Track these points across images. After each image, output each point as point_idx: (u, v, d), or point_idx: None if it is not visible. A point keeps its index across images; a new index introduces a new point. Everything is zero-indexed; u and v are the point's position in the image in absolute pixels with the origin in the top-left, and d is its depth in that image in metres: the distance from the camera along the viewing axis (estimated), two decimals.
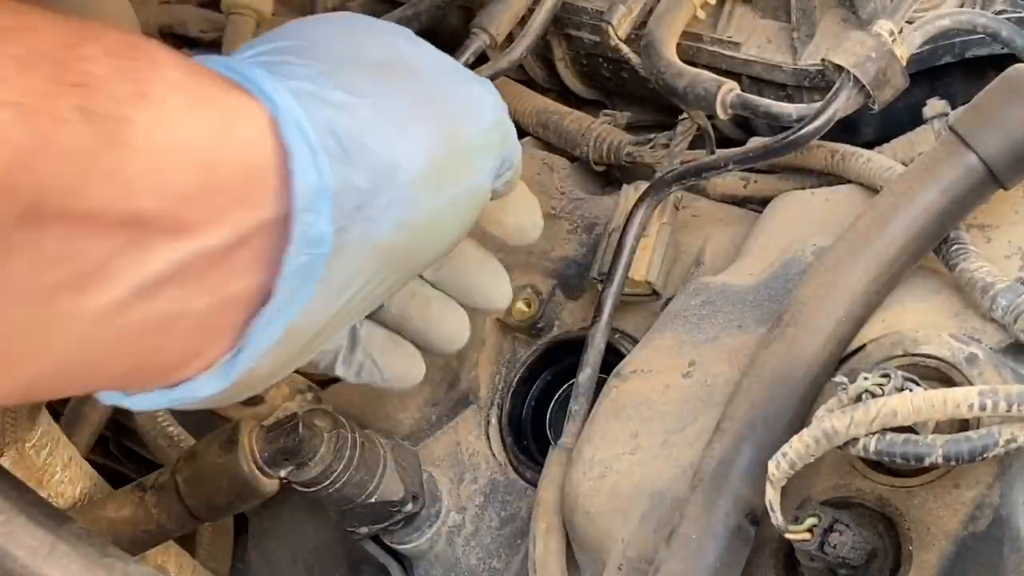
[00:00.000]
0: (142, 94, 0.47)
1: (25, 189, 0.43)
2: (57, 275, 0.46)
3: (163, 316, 0.51)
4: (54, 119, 0.44)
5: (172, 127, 0.48)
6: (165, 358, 0.54)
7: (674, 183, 0.87)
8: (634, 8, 0.89)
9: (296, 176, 0.52)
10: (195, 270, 0.50)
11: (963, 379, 0.65)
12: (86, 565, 0.55)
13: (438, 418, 0.94)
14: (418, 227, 0.58)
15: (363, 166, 0.54)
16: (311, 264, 0.53)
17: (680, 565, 0.65)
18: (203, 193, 0.50)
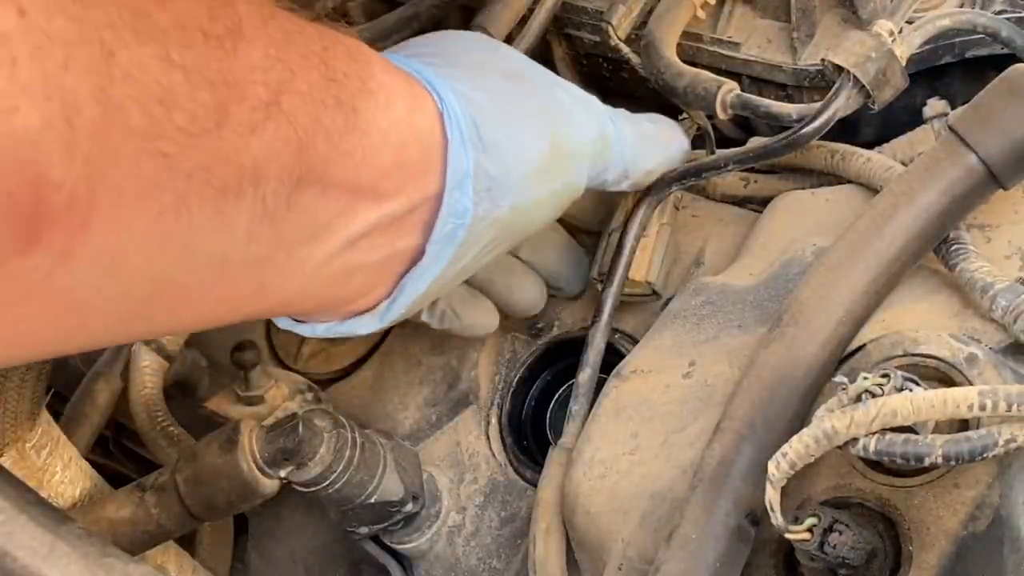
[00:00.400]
0: (365, 89, 0.60)
1: (302, 162, 0.55)
2: (304, 230, 0.58)
3: (355, 264, 0.64)
4: (326, 107, 0.56)
5: (381, 116, 0.61)
6: (345, 295, 0.67)
7: (674, 183, 0.87)
8: (634, 8, 0.89)
9: (451, 161, 0.65)
10: (380, 230, 0.63)
11: (963, 379, 0.65)
12: (86, 565, 0.55)
13: (438, 418, 0.94)
14: (525, 209, 0.70)
15: (495, 157, 0.67)
16: (454, 232, 0.66)
17: (680, 565, 0.65)
18: (396, 169, 0.62)
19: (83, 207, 0.45)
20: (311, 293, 0.64)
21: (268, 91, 0.52)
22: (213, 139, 0.50)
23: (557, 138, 0.71)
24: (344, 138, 0.58)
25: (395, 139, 0.62)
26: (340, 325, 0.70)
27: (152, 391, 0.96)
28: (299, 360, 1.01)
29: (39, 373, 0.75)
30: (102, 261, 0.48)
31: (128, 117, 0.46)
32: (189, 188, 0.49)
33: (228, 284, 0.56)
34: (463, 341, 0.94)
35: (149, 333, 0.59)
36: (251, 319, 0.65)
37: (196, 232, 0.51)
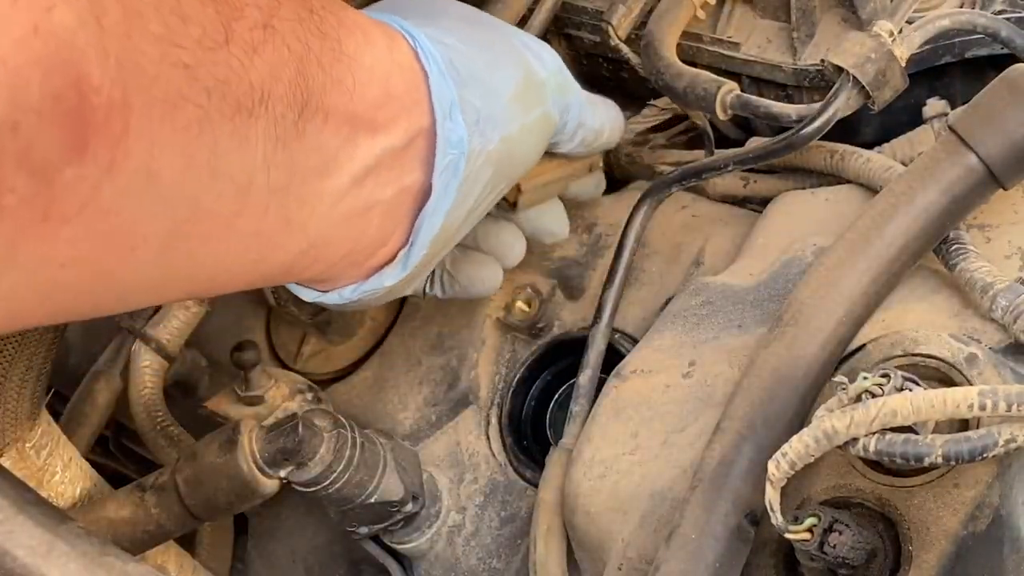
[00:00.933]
0: (344, 24, 0.62)
1: (302, 86, 0.57)
2: (315, 161, 0.60)
3: (367, 202, 0.65)
4: (312, 35, 0.58)
5: (362, 50, 0.63)
6: (366, 242, 0.68)
7: (674, 183, 0.87)
8: (634, 8, 0.90)
9: (434, 92, 0.66)
10: (384, 164, 0.65)
11: (963, 379, 0.65)
12: (85, 564, 0.56)
13: (438, 418, 0.94)
14: (514, 139, 0.72)
15: (476, 89, 0.69)
16: (455, 163, 0.68)
17: (680, 565, 0.65)
18: (386, 101, 0.64)
19: (120, 112, 0.46)
20: (334, 236, 0.65)
21: (261, 13, 0.55)
22: (224, 54, 0.52)
23: (527, 68, 0.74)
24: (334, 66, 0.60)
25: (380, 72, 0.64)
26: (365, 283, 0.71)
27: (152, 391, 0.96)
28: (299, 360, 1.01)
29: (39, 373, 0.75)
30: (140, 175, 0.49)
31: (147, 22, 0.47)
32: (210, 103, 0.51)
33: (256, 214, 0.58)
34: (463, 340, 0.94)
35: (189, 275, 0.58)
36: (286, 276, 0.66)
37: (218, 150, 0.53)
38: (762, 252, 0.83)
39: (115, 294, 0.56)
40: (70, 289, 0.52)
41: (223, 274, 0.60)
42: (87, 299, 0.55)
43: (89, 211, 0.48)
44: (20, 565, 0.55)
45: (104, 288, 0.54)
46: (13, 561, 0.55)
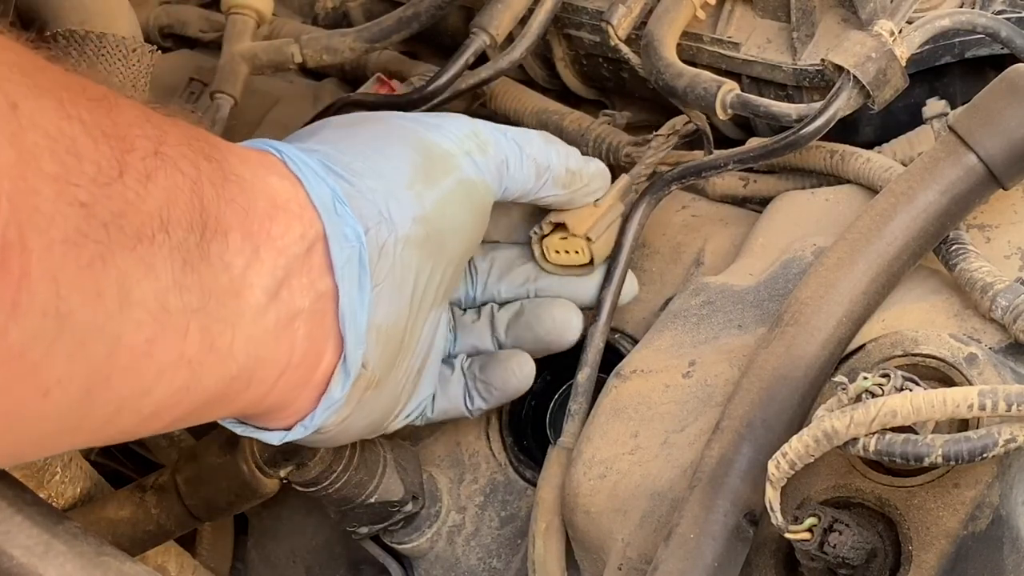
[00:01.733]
0: (219, 147, 0.63)
1: (199, 208, 0.58)
2: (224, 280, 0.60)
3: (287, 314, 0.64)
4: (199, 157, 0.59)
5: (243, 168, 0.64)
6: (299, 357, 0.66)
7: (673, 182, 0.87)
8: (634, 8, 0.89)
9: (312, 194, 0.66)
10: (294, 275, 0.64)
11: (963, 379, 0.65)
12: (82, 564, 0.56)
13: None
14: (431, 217, 0.71)
15: (365, 180, 0.69)
16: (356, 256, 0.67)
17: (678, 564, 0.65)
18: (274, 211, 0.64)
19: (18, 253, 0.47)
20: (263, 354, 0.64)
21: (151, 143, 0.56)
22: (119, 187, 0.52)
23: (423, 145, 0.73)
24: (225, 185, 0.61)
25: (262, 187, 0.64)
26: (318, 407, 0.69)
27: None
28: None
29: None
30: (49, 312, 0.49)
31: (41, 162, 0.48)
32: (109, 237, 0.51)
33: (175, 338, 0.57)
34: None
35: (113, 412, 0.57)
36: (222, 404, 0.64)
37: (126, 280, 0.53)
38: (762, 252, 0.83)
39: (31, 440, 0.55)
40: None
41: (147, 408, 0.59)
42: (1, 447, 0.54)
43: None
44: (17, 565, 0.55)
45: (17, 435, 0.53)
46: (10, 561, 0.55)
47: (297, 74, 1.15)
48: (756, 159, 0.83)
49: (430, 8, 0.99)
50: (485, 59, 0.94)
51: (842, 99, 0.78)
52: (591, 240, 0.84)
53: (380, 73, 1.06)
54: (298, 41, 1.03)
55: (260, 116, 1.12)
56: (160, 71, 0.90)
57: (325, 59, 1.03)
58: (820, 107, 0.79)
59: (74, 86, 0.53)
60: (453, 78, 0.92)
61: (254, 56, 1.05)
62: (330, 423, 0.70)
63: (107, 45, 0.81)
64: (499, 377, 0.84)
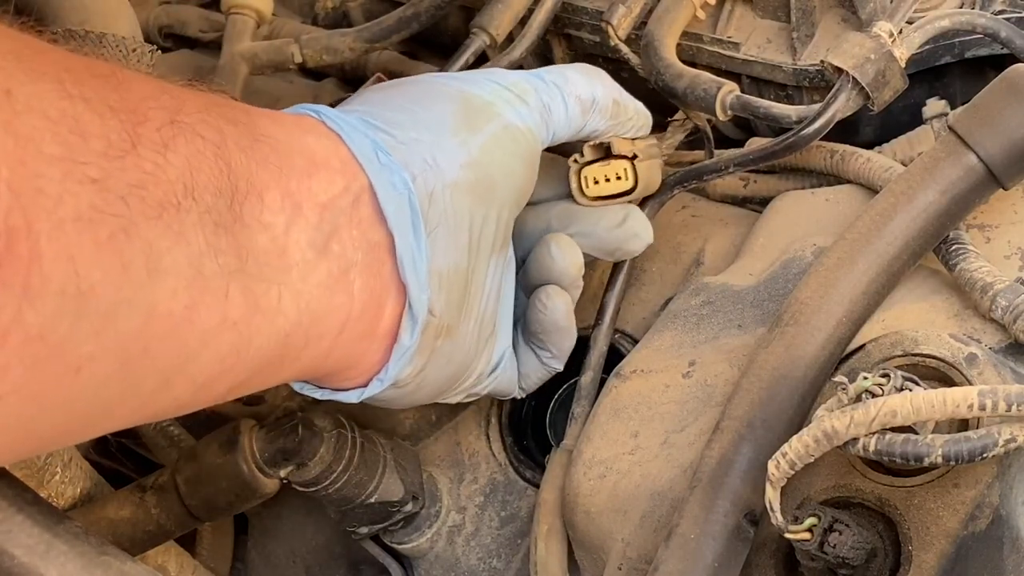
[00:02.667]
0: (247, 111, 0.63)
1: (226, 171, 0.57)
2: (264, 240, 0.60)
3: (339, 268, 0.64)
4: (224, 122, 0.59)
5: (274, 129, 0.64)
6: (359, 309, 0.66)
7: (676, 185, 0.87)
8: (634, 8, 0.89)
9: (353, 147, 0.66)
10: (343, 228, 0.64)
11: (963, 379, 0.65)
12: (83, 564, 0.56)
13: (438, 418, 0.94)
14: (479, 161, 0.71)
15: (407, 130, 0.69)
16: (406, 203, 0.67)
17: (678, 565, 0.65)
18: (315, 169, 0.64)
19: (24, 236, 0.46)
20: (319, 307, 0.63)
21: (167, 113, 0.55)
22: (133, 159, 0.52)
23: (462, 98, 0.73)
24: (255, 147, 0.60)
25: (297, 145, 0.64)
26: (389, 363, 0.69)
27: None
28: None
29: None
30: (68, 291, 0.48)
31: (42, 145, 0.48)
32: (130, 209, 0.51)
33: (216, 300, 0.56)
34: None
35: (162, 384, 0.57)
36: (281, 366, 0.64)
37: (154, 250, 0.52)
38: (762, 252, 0.83)
39: (71, 422, 0.55)
40: (17, 423, 0.50)
41: (200, 375, 0.58)
42: (37, 432, 0.53)
43: (13, 339, 0.47)
44: (18, 564, 0.55)
45: (59, 417, 0.53)
46: (11, 560, 0.55)
47: (297, 74, 1.15)
48: (757, 161, 0.84)
49: (430, 8, 0.99)
50: (485, 59, 0.95)
51: (841, 100, 0.78)
52: (637, 159, 0.81)
53: (380, 73, 1.06)
54: (298, 41, 1.03)
55: None
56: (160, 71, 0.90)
57: (325, 59, 1.03)
58: (820, 108, 0.79)
59: (77, 66, 0.52)
60: None
61: (254, 56, 1.05)
62: (406, 375, 0.70)
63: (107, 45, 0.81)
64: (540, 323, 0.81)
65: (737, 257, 0.85)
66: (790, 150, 0.81)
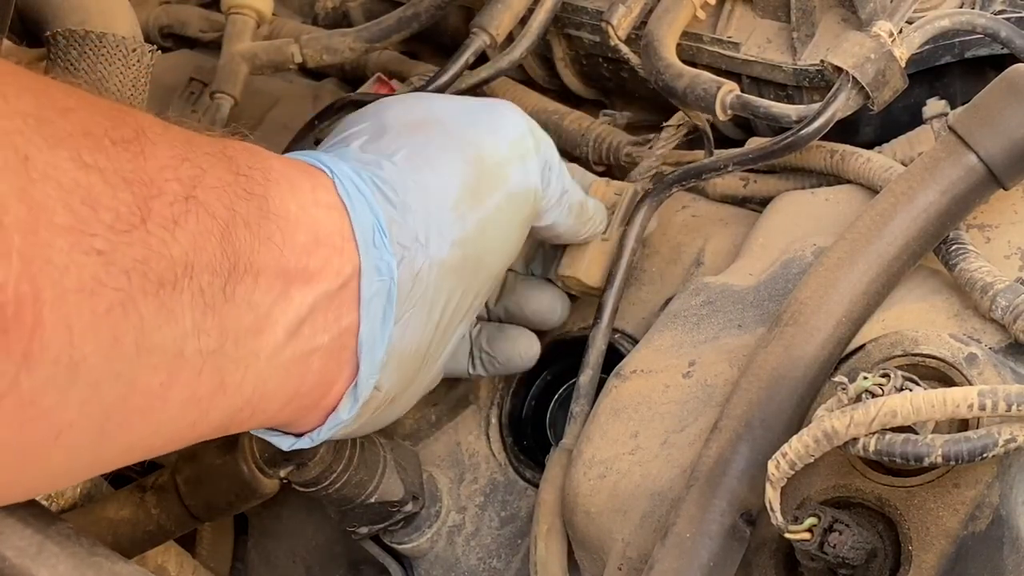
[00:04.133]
0: (269, 178, 0.63)
1: (229, 251, 0.57)
2: (247, 321, 0.59)
3: (304, 351, 0.64)
4: (238, 197, 0.59)
5: (288, 200, 0.63)
6: (307, 388, 0.66)
7: (674, 184, 0.87)
8: (634, 8, 0.89)
9: (356, 224, 0.66)
10: (320, 310, 0.64)
11: (963, 379, 0.65)
12: (74, 565, 0.56)
13: (438, 418, 0.94)
14: (473, 238, 0.71)
15: (412, 207, 0.68)
16: (385, 289, 0.66)
17: (673, 563, 0.65)
18: (316, 247, 0.64)
19: (30, 305, 0.47)
20: (271, 390, 0.64)
21: (183, 186, 0.55)
22: (141, 234, 0.52)
23: (477, 154, 0.72)
24: (262, 225, 0.60)
25: (306, 220, 0.64)
26: (324, 426, 0.70)
27: None
28: None
29: None
30: (62, 361, 0.49)
31: (53, 215, 0.48)
32: (130, 283, 0.51)
33: (189, 380, 0.57)
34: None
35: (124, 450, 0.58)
36: (225, 431, 0.65)
37: (145, 327, 0.53)
38: (762, 252, 0.83)
39: (44, 479, 0.56)
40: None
41: (157, 443, 0.59)
42: (10, 487, 0.54)
43: (6, 404, 0.48)
44: (10, 566, 0.55)
45: (31, 475, 0.54)
46: (3, 562, 0.55)
47: (297, 74, 1.15)
48: (756, 160, 0.84)
49: (430, 8, 0.99)
50: (485, 59, 0.95)
51: (841, 100, 0.78)
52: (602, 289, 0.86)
53: (380, 73, 1.06)
54: (298, 41, 1.03)
55: (260, 116, 1.12)
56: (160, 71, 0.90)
57: (325, 59, 1.03)
58: (819, 108, 0.79)
59: (97, 130, 0.52)
60: (453, 78, 0.93)
61: (254, 56, 1.05)
62: (338, 434, 0.71)
63: (107, 45, 0.81)
64: (505, 353, 0.86)
65: (737, 257, 0.85)
66: (790, 149, 0.81)
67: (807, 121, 0.79)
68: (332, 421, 0.69)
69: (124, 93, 0.81)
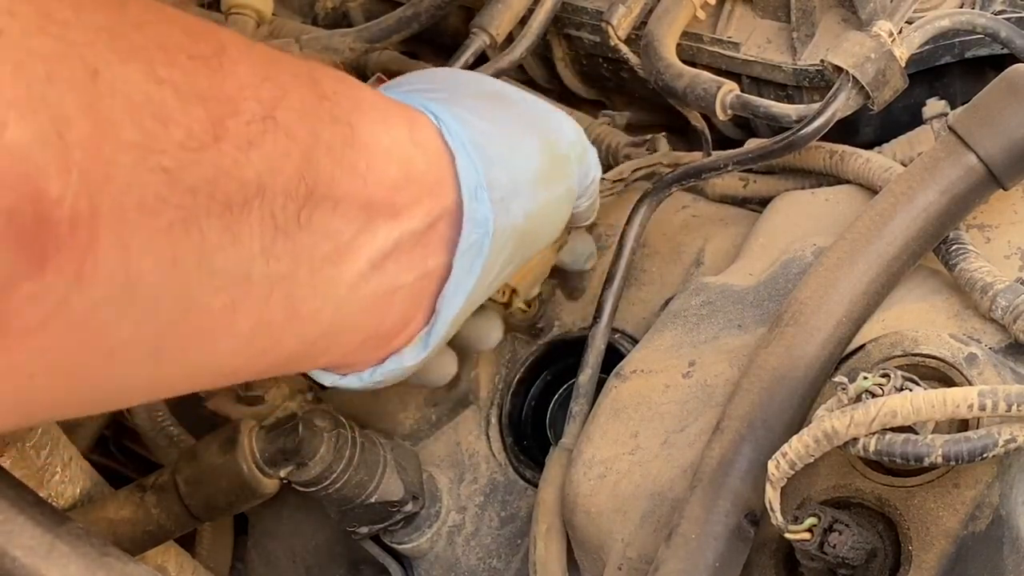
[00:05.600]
0: (359, 108, 0.61)
1: (307, 176, 0.55)
2: (325, 248, 0.58)
3: (387, 287, 0.63)
4: (322, 122, 0.57)
5: (379, 132, 0.62)
6: (387, 327, 0.66)
7: (674, 184, 0.87)
8: (634, 8, 0.89)
9: (461, 173, 0.65)
10: (405, 248, 0.63)
11: (963, 379, 0.65)
12: (85, 565, 0.56)
13: (438, 418, 0.94)
14: (536, 215, 0.72)
15: (502, 169, 0.68)
16: (479, 242, 0.66)
17: (679, 564, 0.65)
18: (406, 183, 0.63)
19: (86, 222, 0.45)
20: (351, 323, 0.63)
21: (262, 106, 0.53)
22: (213, 153, 0.50)
23: (549, 145, 0.73)
24: (346, 153, 0.59)
25: (399, 154, 0.63)
26: (383, 365, 0.69)
27: None
28: None
29: None
30: (117, 279, 0.47)
31: (120, 131, 0.46)
32: (195, 202, 0.49)
33: (256, 304, 0.55)
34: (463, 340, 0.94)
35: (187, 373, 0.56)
36: (299, 363, 0.64)
37: (208, 247, 0.51)
38: (762, 252, 0.83)
39: (99, 397, 0.55)
40: (43, 397, 0.50)
41: (225, 368, 0.58)
42: (65, 404, 0.53)
43: (56, 323, 0.46)
44: (20, 566, 0.55)
45: (84, 394, 0.53)
46: (13, 562, 0.55)
47: None
48: (755, 160, 0.84)
49: (430, 8, 0.99)
50: (485, 59, 0.95)
51: (841, 100, 0.78)
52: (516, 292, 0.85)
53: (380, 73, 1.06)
54: (298, 41, 1.03)
55: None
56: None
57: (325, 59, 1.03)
58: (819, 108, 0.79)
59: (173, 44, 0.50)
60: None
61: None
62: (389, 380, 0.71)
63: None
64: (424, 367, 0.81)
65: (737, 257, 0.85)
66: (789, 149, 0.81)
67: (807, 121, 0.79)
68: (394, 363, 0.68)
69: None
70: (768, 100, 0.82)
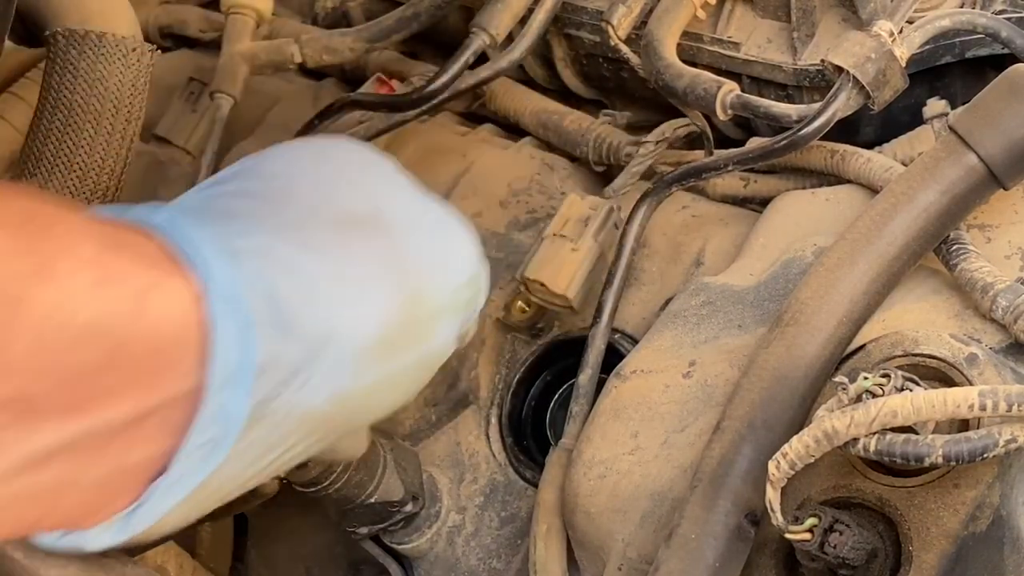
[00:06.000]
0: (45, 271, 0.46)
1: None
2: None
3: (55, 483, 0.50)
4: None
5: (74, 305, 0.47)
6: (61, 515, 0.53)
7: (674, 184, 0.87)
8: (634, 8, 0.89)
9: (216, 353, 0.50)
10: (91, 443, 0.49)
11: (963, 379, 0.65)
12: (84, 566, 0.56)
13: (438, 418, 0.94)
14: (357, 397, 0.56)
15: (299, 338, 0.52)
16: (220, 439, 0.52)
17: (679, 564, 0.65)
18: (102, 371, 0.48)
19: None
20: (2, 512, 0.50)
21: None
22: None
23: (414, 296, 0.56)
24: None
25: (100, 335, 0.48)
26: (62, 540, 0.54)
27: None
28: None
29: None
30: None
31: None
32: None
33: None
34: None
35: None
36: None
37: None
38: (762, 252, 0.83)
39: None
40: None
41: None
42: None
43: None
44: (20, 567, 0.55)
45: None
46: (12, 563, 0.55)
47: (297, 74, 1.15)
48: (756, 160, 0.84)
49: (430, 8, 0.99)
50: (485, 59, 0.95)
51: (841, 100, 0.78)
52: (569, 298, 0.84)
53: (380, 73, 1.06)
54: (298, 41, 1.03)
55: (260, 116, 1.12)
56: (160, 71, 0.90)
57: (325, 59, 1.03)
58: (820, 107, 0.79)
59: None
60: (453, 78, 0.93)
61: (254, 56, 1.05)
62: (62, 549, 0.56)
63: (107, 45, 0.81)
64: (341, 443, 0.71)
65: (737, 257, 0.85)
66: (790, 149, 0.81)
67: (807, 121, 0.79)
68: (69, 542, 0.54)
69: (124, 93, 0.80)
70: (768, 100, 0.82)
